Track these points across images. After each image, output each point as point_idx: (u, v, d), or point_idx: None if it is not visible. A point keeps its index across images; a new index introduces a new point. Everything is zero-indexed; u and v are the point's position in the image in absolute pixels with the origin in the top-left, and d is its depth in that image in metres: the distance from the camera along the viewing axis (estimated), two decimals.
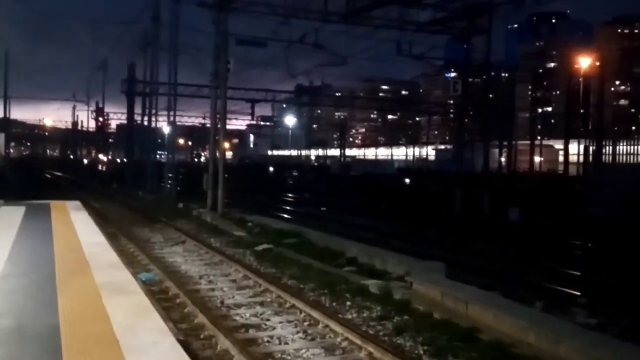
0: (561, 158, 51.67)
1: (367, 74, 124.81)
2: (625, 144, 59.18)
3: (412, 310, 8.87)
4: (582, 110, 55.51)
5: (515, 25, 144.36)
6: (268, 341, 7.79)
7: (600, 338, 7.40)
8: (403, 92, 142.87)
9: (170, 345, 5.37)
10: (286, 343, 7.72)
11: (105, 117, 57.06)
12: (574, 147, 44.09)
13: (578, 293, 11.23)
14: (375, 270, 11.77)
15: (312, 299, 9.79)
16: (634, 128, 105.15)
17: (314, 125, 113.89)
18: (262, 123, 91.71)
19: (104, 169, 58.22)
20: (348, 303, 9.60)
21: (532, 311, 8.59)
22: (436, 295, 9.26)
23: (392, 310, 8.96)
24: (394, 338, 7.88)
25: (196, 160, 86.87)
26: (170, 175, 33.52)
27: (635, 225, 19.80)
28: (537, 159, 51.04)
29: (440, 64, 39.91)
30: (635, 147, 56.25)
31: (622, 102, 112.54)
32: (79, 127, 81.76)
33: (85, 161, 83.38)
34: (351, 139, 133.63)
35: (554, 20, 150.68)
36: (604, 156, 43.01)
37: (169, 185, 33.24)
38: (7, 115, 49.63)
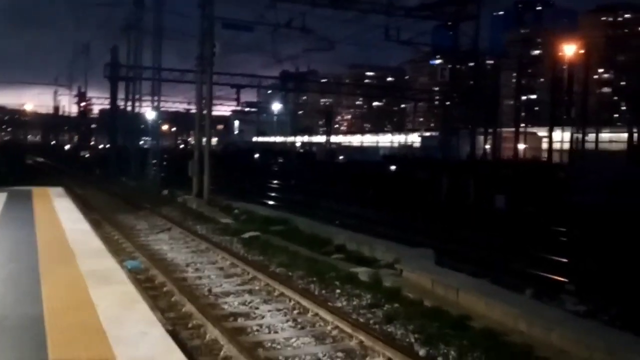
0: (545, 145, 52.10)
1: (353, 60, 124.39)
2: (608, 131, 59.95)
3: (403, 298, 8.81)
4: (566, 98, 55.92)
5: (501, 13, 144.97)
6: (257, 330, 7.69)
7: (590, 325, 7.41)
8: (389, 79, 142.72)
9: (159, 335, 5.23)
10: (276, 332, 7.62)
11: (88, 102, 56.11)
12: (557, 135, 44.45)
13: (566, 280, 11.27)
14: (364, 258, 11.70)
15: (301, 287, 9.69)
16: (616, 116, 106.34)
17: (300, 112, 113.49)
18: (247, 109, 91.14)
19: (88, 155, 57.39)
20: (338, 291, 9.51)
21: (522, 299, 8.59)
22: (426, 283, 9.21)
23: (383, 298, 8.90)
24: (384, 326, 7.82)
25: (182, 146, 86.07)
26: (154, 161, 33.13)
27: (618, 212, 20.03)
28: (521, 146, 51.34)
29: (428, 49, 39.83)
30: (618, 134, 56.98)
31: (605, 89, 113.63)
32: (61, 112, 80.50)
33: (68, 147, 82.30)
34: (337, 126, 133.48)
35: (539, 8, 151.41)
36: (587, 144, 43.46)
37: (153, 172, 32.85)
38: None
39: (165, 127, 71.59)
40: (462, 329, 7.41)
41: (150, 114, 40.93)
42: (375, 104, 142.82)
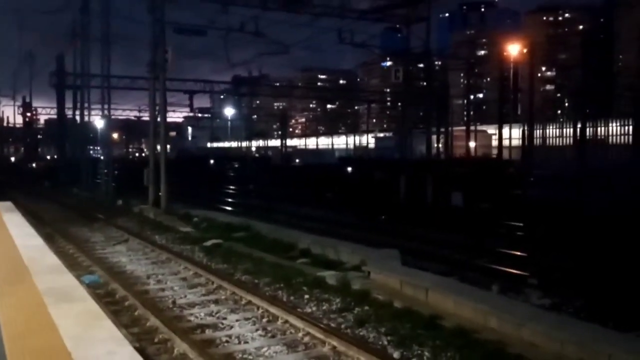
0: (494, 142, 53.49)
1: (306, 64, 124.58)
2: (553, 127, 62.13)
3: (372, 300, 8.78)
4: (512, 96, 57.58)
5: (447, 15, 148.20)
6: (227, 341, 7.49)
7: (559, 319, 7.55)
8: (341, 81, 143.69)
9: (128, 354, 4.98)
10: (246, 342, 7.45)
11: (34, 112, 54.10)
12: (506, 132, 45.68)
13: (527, 274, 11.49)
14: (330, 261, 11.64)
15: (268, 294, 9.54)
16: (559, 112, 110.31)
17: (254, 116, 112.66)
18: (200, 115, 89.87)
19: (35, 166, 55.22)
20: (306, 296, 9.40)
21: (489, 295, 8.69)
22: (395, 284, 9.21)
23: (352, 302, 8.84)
24: (356, 330, 7.76)
25: (137, 155, 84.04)
26: (106, 171, 32.18)
27: (567, 205, 20.70)
28: (471, 144, 52.54)
29: (379, 52, 40.23)
30: (563, 130, 59.14)
31: (549, 87, 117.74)
32: (5, 124, 77.32)
33: (13, 159, 79.19)
34: (291, 129, 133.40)
35: (483, 9, 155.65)
36: (535, 139, 44.89)
37: (105, 182, 31.91)
38: None
39: (115, 136, 69.80)
40: (434, 328, 7.42)
41: (99, 123, 39.82)
42: (328, 106, 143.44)
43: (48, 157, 75.79)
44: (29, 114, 51.50)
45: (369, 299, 8.84)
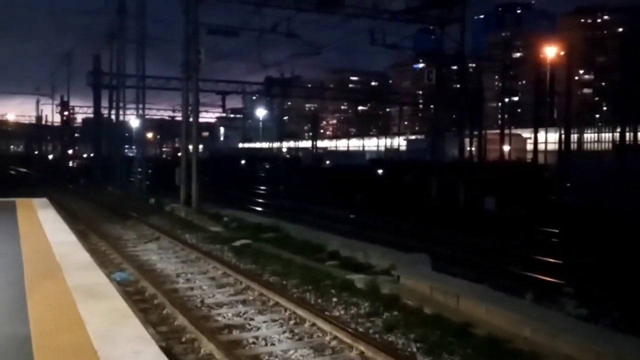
0: (529, 146, 52.42)
1: (337, 65, 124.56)
2: (591, 131, 60.55)
3: (402, 306, 8.61)
4: (548, 100, 56.40)
5: (482, 16, 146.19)
6: (254, 342, 7.43)
7: (595, 330, 7.26)
8: (373, 83, 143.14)
9: (154, 354, 4.96)
10: (273, 344, 7.38)
11: (71, 111, 55.35)
12: (541, 136, 44.72)
13: (562, 282, 11.14)
14: (359, 264, 11.49)
15: (296, 296, 9.46)
16: (597, 116, 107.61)
17: (285, 117, 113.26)
18: (232, 115, 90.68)
19: (75, 164, 56.48)
20: (334, 299, 9.29)
21: (523, 303, 8.43)
22: (425, 289, 9.01)
23: (381, 306, 8.69)
24: (385, 335, 7.61)
25: (175, 154, 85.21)
26: (140, 169, 32.68)
27: (605, 211, 20.10)
28: (505, 147, 51.59)
29: (411, 54, 39.86)
30: (601, 134, 57.57)
31: (586, 90, 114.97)
32: (44, 122, 79.41)
33: (51, 156, 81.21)
34: (322, 131, 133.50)
35: (519, 11, 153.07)
36: (571, 144, 43.75)
37: (139, 180, 32.40)
38: None
39: (150, 135, 70.97)
40: (465, 336, 7.22)
41: (134, 122, 40.50)
42: (360, 108, 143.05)
43: (85, 155, 77.43)
44: (66, 113, 52.69)
45: (399, 304, 8.68)
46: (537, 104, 51.05)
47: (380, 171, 46.02)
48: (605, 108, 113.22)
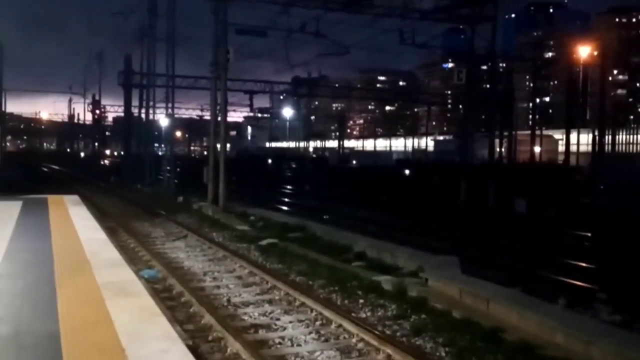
0: (560, 148, 51.37)
1: (364, 65, 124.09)
2: (624, 133, 59.03)
3: (430, 309, 8.47)
4: (581, 100, 55.15)
5: (513, 15, 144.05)
6: (280, 343, 7.39)
7: (631, 337, 7.01)
8: (401, 83, 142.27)
9: (181, 353, 4.96)
10: (299, 345, 7.32)
11: (102, 110, 56.39)
12: (573, 137, 43.78)
13: (596, 287, 10.85)
14: (386, 266, 11.36)
15: (322, 297, 9.39)
16: (631, 117, 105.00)
17: (312, 117, 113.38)
18: (259, 115, 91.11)
19: (107, 162, 57.51)
20: (361, 301, 9.20)
21: (556, 309, 8.20)
22: (454, 293, 8.85)
23: (409, 309, 8.56)
24: (412, 339, 7.48)
25: (204, 153, 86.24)
26: (168, 168, 33.04)
27: (638, 215, 19.55)
28: (536, 149, 50.66)
29: (440, 53, 39.44)
30: (635, 136, 56.06)
31: (620, 91, 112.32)
32: (76, 120, 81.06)
33: (83, 154, 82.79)
34: (349, 130, 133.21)
35: (551, 10, 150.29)
36: (605, 146, 42.74)
37: (167, 178, 32.76)
38: (3, 109, 49.03)
39: (178, 134, 71.83)
40: (495, 342, 7.05)
41: (164, 121, 40.96)
42: (387, 108, 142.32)
43: (115, 154, 78.77)
44: (97, 112, 53.64)
45: (426, 307, 8.54)
46: (569, 104, 49.96)
47: (407, 172, 45.71)
48: (639, 109, 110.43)
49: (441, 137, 78.33)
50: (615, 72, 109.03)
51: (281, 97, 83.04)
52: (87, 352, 4.78)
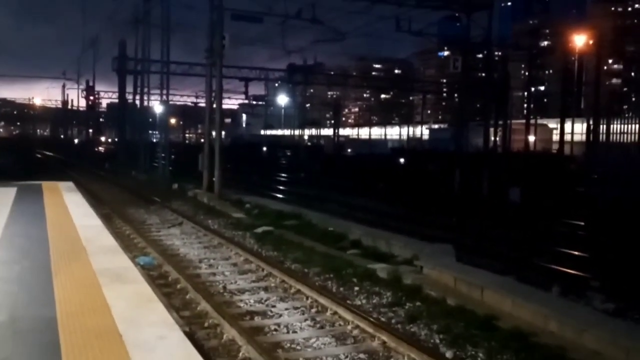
0: (555, 137, 51.46)
1: (360, 52, 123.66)
2: (619, 122, 59.16)
3: (425, 296, 8.53)
4: (576, 89, 55.21)
5: (509, 3, 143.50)
6: (275, 330, 7.44)
7: (624, 325, 7.10)
8: (396, 71, 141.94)
9: (178, 339, 4.97)
10: (294, 331, 7.38)
11: (96, 96, 55.96)
12: (568, 126, 43.84)
13: (589, 276, 10.94)
14: (381, 254, 11.42)
15: (318, 284, 9.44)
16: (626, 107, 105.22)
17: (307, 105, 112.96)
18: (254, 102, 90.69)
19: (102, 149, 57.14)
20: (356, 288, 9.25)
21: (549, 297, 8.28)
22: (449, 280, 8.91)
23: (403, 296, 8.62)
24: (407, 326, 7.55)
25: (198, 140, 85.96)
26: (163, 155, 32.94)
27: (632, 204, 19.65)
28: (531, 138, 50.75)
29: (436, 41, 39.35)
30: (629, 126, 56.22)
31: (615, 80, 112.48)
32: (69, 106, 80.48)
33: (76, 141, 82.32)
34: (344, 119, 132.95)
35: None
36: (600, 135, 42.83)
37: (162, 165, 32.67)
38: None
39: (173, 121, 71.50)
40: (490, 329, 7.12)
41: (158, 108, 40.77)
42: (382, 96, 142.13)
43: (109, 140, 78.35)
44: (91, 98, 53.24)
45: (421, 295, 8.60)
46: (564, 93, 50.02)
47: (402, 160, 45.73)
48: (634, 99, 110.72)
49: (436, 126, 78.37)
50: (610, 61, 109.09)
51: (276, 85, 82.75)
52: (85, 338, 4.79)
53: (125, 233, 13.77)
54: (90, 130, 72.78)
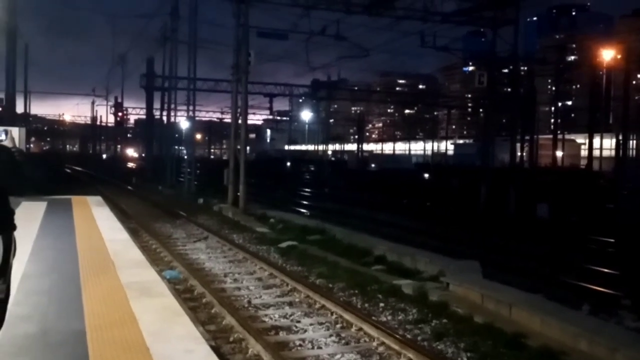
0: (583, 152, 50.66)
1: (384, 68, 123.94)
2: None
3: (451, 313, 8.42)
4: (604, 104, 54.32)
5: (535, 18, 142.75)
6: (300, 345, 7.41)
7: None
8: (420, 86, 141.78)
9: (204, 353, 5.00)
10: (319, 347, 7.33)
11: (124, 112, 57.07)
12: (596, 142, 43.15)
13: (620, 294, 10.67)
14: (406, 270, 11.33)
15: (342, 300, 9.38)
16: None
17: (331, 120, 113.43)
18: (279, 118, 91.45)
19: (135, 166, 57.05)
20: (381, 304, 9.18)
21: (579, 315, 8.11)
22: (476, 297, 8.79)
23: (429, 313, 8.52)
24: (433, 343, 7.45)
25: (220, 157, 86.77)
26: (189, 170, 33.32)
27: None
28: (558, 153, 50.04)
29: (461, 56, 39.25)
30: None
31: None
32: (98, 122, 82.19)
33: (105, 156, 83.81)
34: (368, 134, 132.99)
35: (574, 13, 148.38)
36: (629, 151, 42.06)
37: (188, 180, 33.04)
38: (28, 110, 49.88)
39: (198, 136, 72.41)
40: (518, 347, 6.98)
41: (184, 124, 41.34)
42: (407, 111, 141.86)
43: (136, 155, 79.55)
44: (120, 114, 54.30)
45: (448, 312, 8.49)
46: (592, 108, 49.31)
47: (426, 175, 45.46)
48: None
49: (461, 141, 77.86)
50: (639, 75, 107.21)
51: (300, 100, 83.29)
52: (113, 351, 4.85)
53: (152, 247, 13.91)
54: (119, 146, 74.01)
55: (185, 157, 36.07)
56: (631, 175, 35.57)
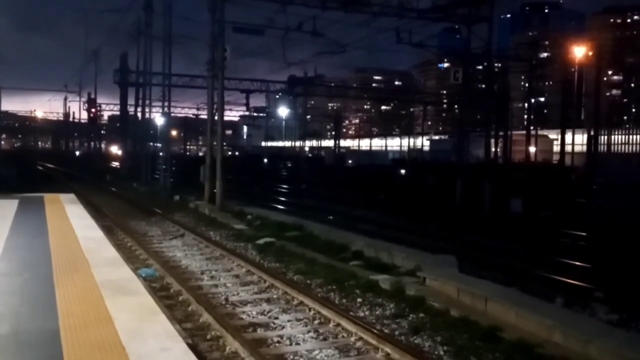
0: (555, 148, 51.52)
1: (361, 64, 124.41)
2: (619, 133, 59.28)
3: (428, 308, 8.49)
4: (576, 100, 55.23)
5: (509, 15, 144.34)
6: (278, 342, 7.40)
7: (629, 336, 7.07)
8: (396, 83, 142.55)
9: (181, 351, 4.96)
10: (297, 343, 7.33)
11: (98, 109, 56.14)
12: (568, 137, 43.92)
13: (592, 287, 10.89)
14: (383, 265, 11.39)
15: (320, 296, 9.40)
16: (626, 117, 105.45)
17: (308, 116, 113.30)
18: (255, 114, 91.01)
19: (119, 165, 54.23)
20: (359, 300, 9.22)
21: (553, 308, 8.25)
22: (452, 292, 8.88)
23: (407, 308, 8.59)
24: (411, 337, 7.51)
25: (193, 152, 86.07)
26: (164, 167, 32.96)
27: (634, 214, 19.63)
28: (531, 148, 50.84)
29: (436, 53, 39.61)
30: (630, 136, 56.32)
31: (615, 91, 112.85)
32: (71, 119, 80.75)
33: (78, 153, 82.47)
34: (345, 130, 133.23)
35: (546, 11, 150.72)
36: (600, 146, 42.96)
37: (163, 177, 32.69)
38: None
39: (174, 133, 71.64)
40: (494, 340, 7.08)
41: (159, 120, 40.87)
42: (383, 107, 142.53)
43: (120, 153, 78.32)
44: (93, 110, 53.34)
45: (424, 306, 8.57)
46: (564, 104, 50.13)
47: (402, 171, 45.80)
48: (634, 109, 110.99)
49: (437, 137, 78.57)
50: (610, 72, 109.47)
51: (277, 96, 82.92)
52: (88, 350, 4.77)
53: (127, 245, 13.74)
54: (103, 143, 72.70)
55: (161, 153, 35.61)
56: (602, 170, 36.41)
